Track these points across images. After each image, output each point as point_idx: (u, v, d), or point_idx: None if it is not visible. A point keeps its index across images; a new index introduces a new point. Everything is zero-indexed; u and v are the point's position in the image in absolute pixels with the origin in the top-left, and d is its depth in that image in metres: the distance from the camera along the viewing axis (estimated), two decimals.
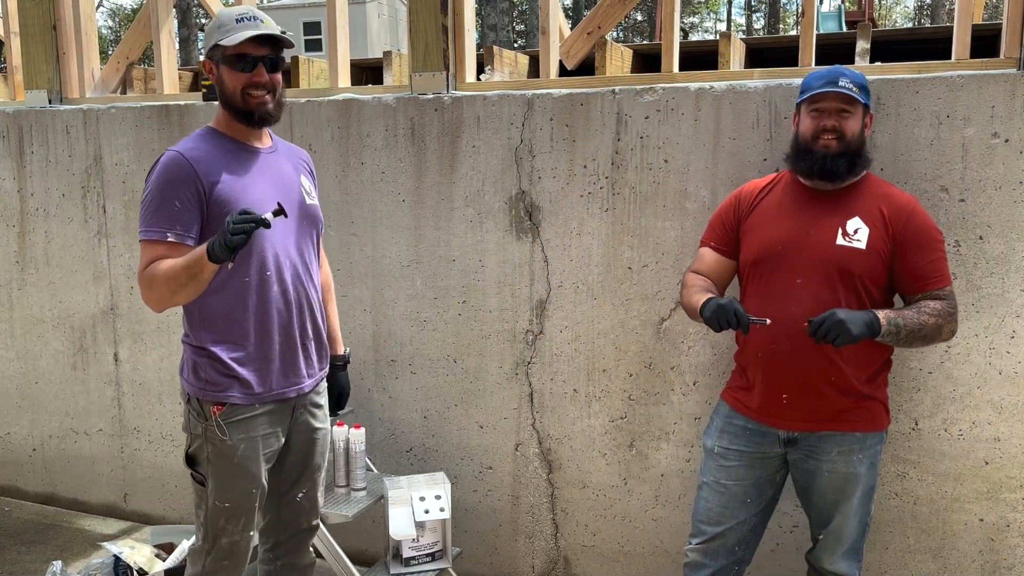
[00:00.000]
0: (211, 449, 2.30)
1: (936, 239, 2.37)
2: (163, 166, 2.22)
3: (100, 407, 3.98)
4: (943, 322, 2.32)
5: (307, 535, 2.61)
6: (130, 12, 35.11)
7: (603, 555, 3.23)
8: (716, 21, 42.60)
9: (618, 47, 4.10)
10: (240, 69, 2.26)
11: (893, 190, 2.43)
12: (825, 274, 2.32)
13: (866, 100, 2.38)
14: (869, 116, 2.43)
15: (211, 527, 2.35)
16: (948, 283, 2.37)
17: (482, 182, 3.20)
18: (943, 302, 2.34)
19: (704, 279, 2.54)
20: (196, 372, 2.30)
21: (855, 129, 2.36)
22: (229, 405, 2.28)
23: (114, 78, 4.06)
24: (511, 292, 3.21)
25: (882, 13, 34.16)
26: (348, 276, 3.43)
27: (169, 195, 2.19)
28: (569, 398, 3.18)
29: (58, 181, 3.89)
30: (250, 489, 2.33)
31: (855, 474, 2.38)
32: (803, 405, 2.36)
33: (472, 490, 3.38)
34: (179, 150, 2.24)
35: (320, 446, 2.54)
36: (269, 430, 2.35)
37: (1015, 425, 2.69)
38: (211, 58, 2.30)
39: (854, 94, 2.33)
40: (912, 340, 2.31)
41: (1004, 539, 2.76)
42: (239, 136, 2.35)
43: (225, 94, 2.30)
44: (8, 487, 4.29)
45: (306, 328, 2.41)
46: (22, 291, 4.06)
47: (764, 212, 2.48)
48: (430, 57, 3.25)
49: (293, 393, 2.39)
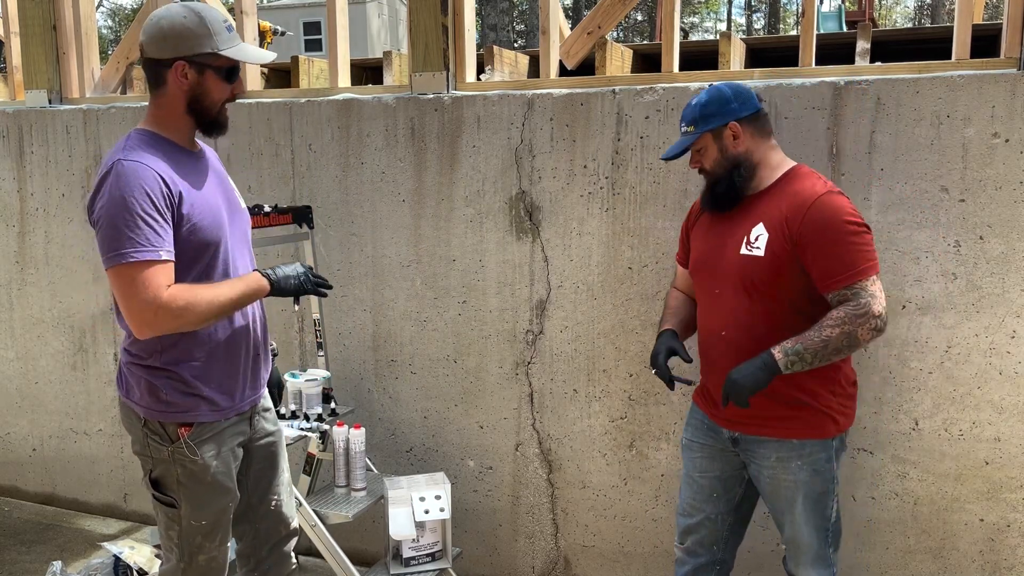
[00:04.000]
0: (181, 471, 2.20)
1: (842, 228, 2.18)
2: (133, 178, 2.02)
3: (100, 407, 3.98)
4: (852, 328, 2.15)
5: (287, 542, 2.53)
6: (130, 12, 35.10)
7: (603, 555, 3.23)
8: (716, 21, 42.61)
9: (618, 47, 4.10)
10: (230, 80, 2.17)
11: (802, 185, 2.28)
12: (734, 285, 2.31)
13: (706, 128, 2.32)
14: (729, 127, 2.31)
15: (187, 546, 2.27)
16: (860, 277, 2.17)
17: (482, 182, 3.20)
18: (848, 305, 2.17)
19: (678, 297, 2.64)
20: (154, 394, 2.17)
21: (713, 157, 2.34)
22: (198, 424, 2.19)
23: (114, 78, 4.06)
24: (511, 292, 3.21)
25: (882, 13, 34.15)
26: (348, 276, 3.43)
27: (149, 211, 2.01)
28: (569, 398, 3.18)
29: (58, 181, 3.89)
30: (227, 503, 2.29)
31: (796, 481, 2.33)
32: (733, 409, 2.34)
33: (472, 490, 3.38)
34: (141, 161, 2.05)
35: (280, 448, 2.49)
36: (236, 441, 2.30)
37: (1015, 425, 2.69)
38: (191, 62, 2.12)
39: (691, 135, 2.35)
40: (824, 358, 2.18)
41: (1004, 539, 2.76)
42: (182, 141, 2.21)
43: (203, 103, 2.16)
44: (8, 487, 4.29)
45: (259, 338, 2.35)
46: (22, 291, 4.06)
47: (700, 225, 2.53)
48: (430, 57, 3.25)
49: (247, 406, 2.34)
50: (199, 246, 2.13)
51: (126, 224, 1.99)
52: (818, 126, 2.78)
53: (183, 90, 2.14)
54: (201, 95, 2.15)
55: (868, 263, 2.19)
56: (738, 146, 2.32)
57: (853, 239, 2.19)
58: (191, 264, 2.12)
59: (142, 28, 2.16)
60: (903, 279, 2.74)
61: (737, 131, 2.31)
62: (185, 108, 2.17)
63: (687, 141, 2.37)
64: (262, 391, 2.41)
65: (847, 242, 2.18)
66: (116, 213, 2.00)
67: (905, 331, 2.76)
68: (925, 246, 2.71)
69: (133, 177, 2.02)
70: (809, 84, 2.78)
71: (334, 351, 3.49)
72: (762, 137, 2.35)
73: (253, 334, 2.33)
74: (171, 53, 2.11)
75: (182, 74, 2.12)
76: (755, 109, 2.34)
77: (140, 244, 1.99)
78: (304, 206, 3.32)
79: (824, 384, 2.30)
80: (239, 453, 2.33)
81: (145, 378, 2.18)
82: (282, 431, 2.54)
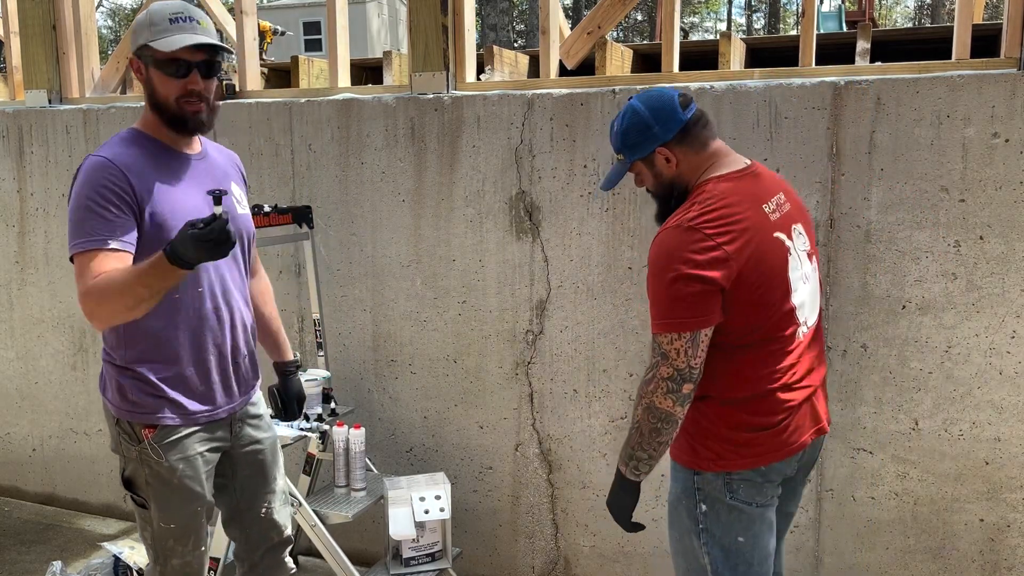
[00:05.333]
0: (148, 472, 2.17)
1: (654, 277, 1.96)
2: (91, 172, 2.02)
3: (100, 407, 3.95)
4: (649, 400, 1.95)
5: (280, 549, 2.48)
6: (130, 12, 35.12)
7: (603, 555, 3.23)
8: (716, 21, 42.61)
9: (618, 47, 4.10)
10: (173, 75, 2.08)
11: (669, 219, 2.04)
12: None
13: (634, 157, 2.11)
14: (658, 152, 2.07)
15: (159, 549, 2.24)
16: (656, 330, 1.95)
17: (482, 182, 3.20)
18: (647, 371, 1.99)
19: None
20: (122, 393, 2.16)
21: (651, 181, 2.13)
22: (161, 427, 2.15)
23: (114, 78, 4.06)
24: (511, 292, 3.21)
25: (882, 13, 34.15)
26: (348, 276, 3.43)
27: (102, 203, 1.99)
28: (569, 398, 3.18)
29: (58, 181, 3.89)
30: (195, 508, 2.23)
31: (673, 498, 2.17)
32: None
33: (472, 490, 3.38)
34: (107, 156, 2.04)
35: (270, 455, 2.42)
36: (207, 446, 2.24)
37: (1015, 425, 2.69)
38: (140, 57, 2.10)
39: (624, 163, 2.16)
40: (650, 444, 1.98)
41: (1004, 539, 2.76)
42: (167, 140, 2.18)
43: (156, 99, 2.12)
44: (8, 487, 4.29)
45: (238, 345, 2.29)
46: (22, 291, 4.06)
47: None
48: (430, 57, 3.25)
49: (224, 413, 2.27)
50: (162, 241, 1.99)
51: (79, 217, 2.02)
52: (818, 126, 2.78)
53: (143, 86, 2.16)
54: (152, 90, 2.13)
55: (671, 319, 1.92)
56: (672, 169, 2.08)
57: (667, 288, 1.93)
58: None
59: None
60: (903, 279, 2.74)
61: (667, 154, 2.07)
62: (150, 105, 2.16)
63: (619, 171, 2.20)
64: (237, 402, 2.32)
65: (658, 289, 1.96)
66: (75, 206, 2.04)
67: (905, 331, 2.76)
68: (925, 246, 2.71)
69: (91, 171, 2.04)
70: (809, 84, 2.78)
71: (334, 351, 3.49)
72: (696, 150, 2.07)
73: (229, 340, 2.25)
74: (132, 49, 2.14)
75: (136, 69, 2.15)
76: (679, 125, 2.06)
77: (87, 234, 2.00)
78: (304, 206, 3.32)
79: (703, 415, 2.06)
80: (211, 458, 2.26)
81: (115, 377, 2.18)
82: (276, 439, 2.47)
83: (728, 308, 1.95)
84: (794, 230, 2.10)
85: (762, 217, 2.02)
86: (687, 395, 1.94)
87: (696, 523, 2.09)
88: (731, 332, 1.97)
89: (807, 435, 2.10)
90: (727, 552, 2.06)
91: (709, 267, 1.90)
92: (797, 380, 2.06)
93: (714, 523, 2.07)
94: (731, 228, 1.94)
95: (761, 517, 2.08)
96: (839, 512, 2.91)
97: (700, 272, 1.90)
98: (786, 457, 2.06)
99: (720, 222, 1.94)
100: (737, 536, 2.06)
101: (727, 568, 2.07)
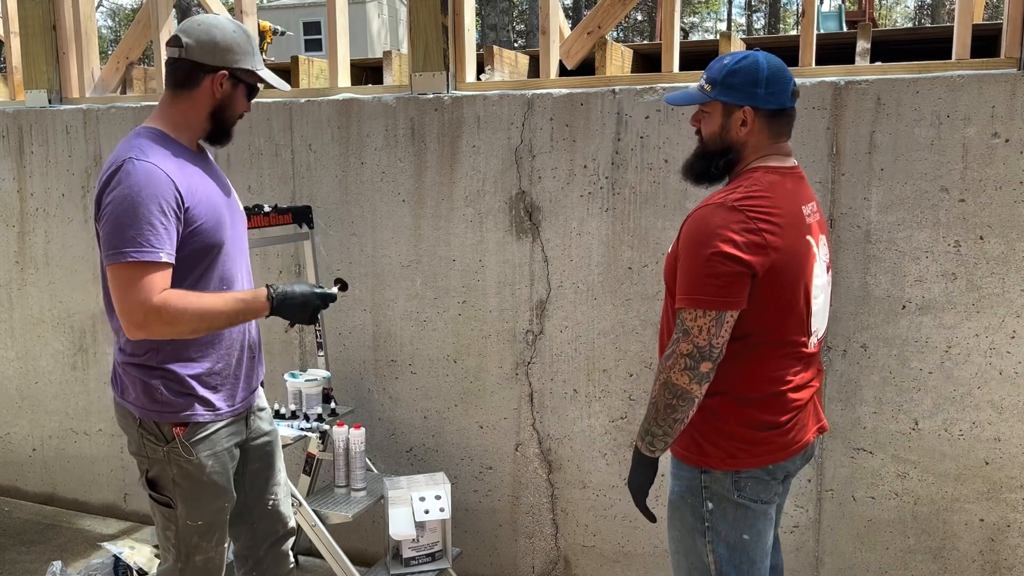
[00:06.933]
0: (176, 471, 2.21)
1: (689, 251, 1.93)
2: (142, 178, 2.03)
3: (100, 407, 3.98)
4: (666, 375, 1.93)
5: (284, 540, 2.54)
6: (130, 12, 35.10)
7: (603, 555, 3.23)
8: (716, 21, 42.60)
9: (618, 47, 4.09)
10: (249, 97, 2.29)
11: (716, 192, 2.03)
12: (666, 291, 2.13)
13: (721, 96, 2.02)
14: (743, 111, 2.00)
15: (184, 547, 2.28)
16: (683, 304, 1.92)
17: (482, 182, 3.20)
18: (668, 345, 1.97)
19: None
20: (150, 395, 2.18)
21: (713, 129, 2.06)
22: (193, 424, 2.20)
23: (114, 78, 4.06)
24: (511, 292, 3.21)
25: (882, 13, 34.16)
26: (348, 276, 3.42)
27: (156, 213, 2.02)
28: (569, 398, 3.18)
29: (58, 181, 3.89)
30: (223, 504, 2.30)
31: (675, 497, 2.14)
32: None
33: (472, 490, 3.38)
34: (154, 162, 2.07)
35: (276, 447, 2.51)
36: (232, 441, 2.31)
37: (1015, 425, 2.69)
38: (234, 75, 2.21)
39: (706, 94, 2.05)
40: (667, 420, 1.95)
41: (1005, 539, 2.76)
42: (189, 143, 2.25)
43: (225, 113, 2.25)
44: (8, 487, 4.29)
45: (254, 339, 2.37)
46: (22, 291, 4.06)
47: None
48: (430, 57, 3.25)
49: (244, 407, 2.35)
50: (202, 248, 2.15)
51: (131, 224, 2.01)
52: (818, 126, 2.78)
53: (214, 98, 2.21)
54: (227, 105, 2.24)
55: (700, 295, 1.89)
56: (740, 133, 2.02)
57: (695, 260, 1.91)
58: (192, 266, 2.14)
59: (185, 31, 2.19)
60: (903, 279, 2.74)
61: (748, 119, 2.00)
62: (208, 114, 2.23)
63: (697, 98, 2.08)
64: (256, 394, 2.43)
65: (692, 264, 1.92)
66: (123, 211, 2.01)
67: (905, 331, 2.76)
68: (925, 246, 2.71)
69: (144, 177, 2.04)
70: (809, 84, 2.77)
71: (334, 351, 3.49)
72: (770, 135, 2.04)
73: (248, 335, 2.34)
74: (218, 62, 2.19)
75: (219, 83, 2.20)
76: (779, 105, 2.02)
77: (142, 245, 2.00)
78: (304, 206, 3.32)
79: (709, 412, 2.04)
80: (236, 454, 2.34)
81: (140, 378, 2.19)
82: (278, 430, 2.56)
83: (753, 299, 1.93)
84: (820, 239, 2.11)
85: (800, 218, 2.02)
86: (705, 374, 1.91)
87: (701, 521, 2.08)
88: (752, 328, 1.97)
89: (811, 433, 2.13)
90: (732, 550, 2.06)
91: (747, 250, 1.88)
92: (805, 381, 2.09)
93: (720, 521, 2.06)
94: (773, 219, 1.93)
95: (765, 514, 2.09)
96: (839, 512, 2.91)
97: (738, 253, 1.88)
98: (793, 455, 2.08)
99: (764, 210, 1.93)
100: (742, 534, 2.06)
101: (731, 566, 2.07)
